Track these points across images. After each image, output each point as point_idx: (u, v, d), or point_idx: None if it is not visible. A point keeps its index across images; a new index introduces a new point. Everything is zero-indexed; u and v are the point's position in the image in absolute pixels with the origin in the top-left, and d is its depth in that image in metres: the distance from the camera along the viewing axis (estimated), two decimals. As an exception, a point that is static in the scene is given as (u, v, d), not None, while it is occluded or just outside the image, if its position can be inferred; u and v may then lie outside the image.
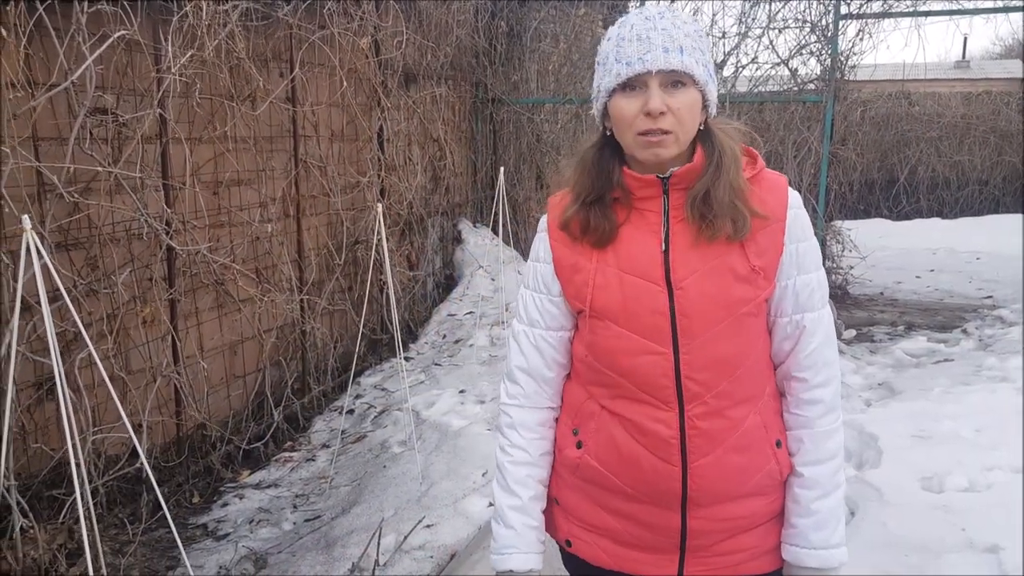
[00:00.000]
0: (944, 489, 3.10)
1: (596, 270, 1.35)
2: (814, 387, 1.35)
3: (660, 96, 1.24)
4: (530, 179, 8.07)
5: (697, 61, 1.26)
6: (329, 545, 3.03)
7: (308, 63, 4.46)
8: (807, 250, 1.34)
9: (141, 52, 3.28)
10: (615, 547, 1.42)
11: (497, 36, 7.34)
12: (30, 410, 2.99)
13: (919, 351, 5.58)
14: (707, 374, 1.30)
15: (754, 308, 1.31)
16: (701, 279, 1.28)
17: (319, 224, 4.79)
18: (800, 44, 6.88)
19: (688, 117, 1.26)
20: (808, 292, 1.34)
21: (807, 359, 1.35)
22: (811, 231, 1.36)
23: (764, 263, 1.30)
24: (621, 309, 1.32)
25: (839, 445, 1.37)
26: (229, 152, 3.88)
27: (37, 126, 2.88)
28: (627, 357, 1.32)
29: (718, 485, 1.32)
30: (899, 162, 13.20)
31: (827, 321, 1.36)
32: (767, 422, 1.36)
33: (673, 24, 1.27)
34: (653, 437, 1.32)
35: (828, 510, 1.35)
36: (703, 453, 1.31)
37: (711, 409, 1.31)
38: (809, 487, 1.35)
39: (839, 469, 1.37)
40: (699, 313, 1.28)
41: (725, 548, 1.37)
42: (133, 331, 3.39)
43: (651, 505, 1.36)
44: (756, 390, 1.35)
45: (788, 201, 1.33)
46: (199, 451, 3.75)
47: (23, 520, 2.77)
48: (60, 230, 3.03)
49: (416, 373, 4.90)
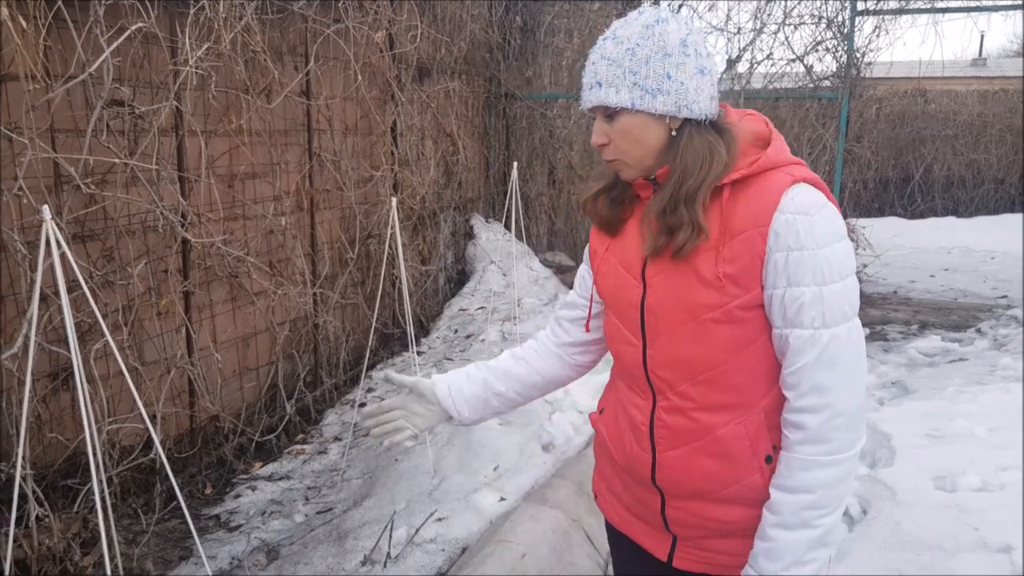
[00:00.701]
0: (957, 488, 3.09)
1: (603, 259, 1.45)
2: (797, 410, 1.25)
3: (598, 129, 1.30)
4: (542, 175, 8.06)
5: (617, 88, 1.25)
6: (341, 537, 3.05)
7: (323, 57, 4.46)
8: (802, 261, 1.21)
9: (158, 45, 3.29)
10: (623, 511, 1.52)
11: (511, 31, 7.34)
12: (45, 400, 3.02)
13: (933, 350, 5.55)
14: (669, 372, 1.33)
15: (721, 315, 1.26)
16: (667, 279, 1.31)
17: (332, 218, 4.80)
18: (816, 40, 6.84)
19: (625, 143, 1.28)
20: (797, 307, 1.22)
21: (790, 377, 1.25)
22: (820, 240, 1.21)
23: (735, 270, 1.24)
24: (612, 298, 1.42)
25: (823, 483, 1.23)
26: (244, 145, 3.90)
27: (54, 118, 2.90)
28: (615, 343, 1.44)
29: (685, 481, 1.35)
30: (914, 160, 13.11)
31: (826, 343, 1.22)
32: (755, 435, 1.30)
33: (601, 55, 1.28)
34: (632, 420, 1.41)
35: (785, 544, 1.24)
36: (669, 447, 1.36)
37: (674, 406, 1.34)
38: (771, 510, 1.27)
39: (813, 508, 1.23)
40: (663, 311, 1.32)
41: (712, 546, 1.39)
42: (147, 323, 3.41)
43: (636, 483, 1.44)
44: (740, 399, 1.30)
45: (779, 205, 1.22)
46: (212, 443, 3.78)
47: (38, 509, 2.79)
48: (76, 221, 3.05)
49: (428, 367, 4.91)
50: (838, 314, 1.23)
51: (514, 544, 2.69)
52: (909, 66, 13.61)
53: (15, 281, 2.83)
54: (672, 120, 1.27)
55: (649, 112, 1.25)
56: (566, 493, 3.11)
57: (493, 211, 7.57)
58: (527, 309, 5.77)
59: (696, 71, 1.25)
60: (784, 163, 1.28)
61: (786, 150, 1.31)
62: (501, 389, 1.58)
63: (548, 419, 3.97)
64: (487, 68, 7.24)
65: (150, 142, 3.25)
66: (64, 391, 3.10)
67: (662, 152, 1.29)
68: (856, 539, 2.85)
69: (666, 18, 1.26)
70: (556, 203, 8.20)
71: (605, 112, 1.29)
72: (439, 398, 1.57)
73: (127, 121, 3.19)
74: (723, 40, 7.19)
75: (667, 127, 1.27)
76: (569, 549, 2.80)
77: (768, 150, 1.28)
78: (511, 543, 2.70)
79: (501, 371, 1.60)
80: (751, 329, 1.28)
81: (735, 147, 1.28)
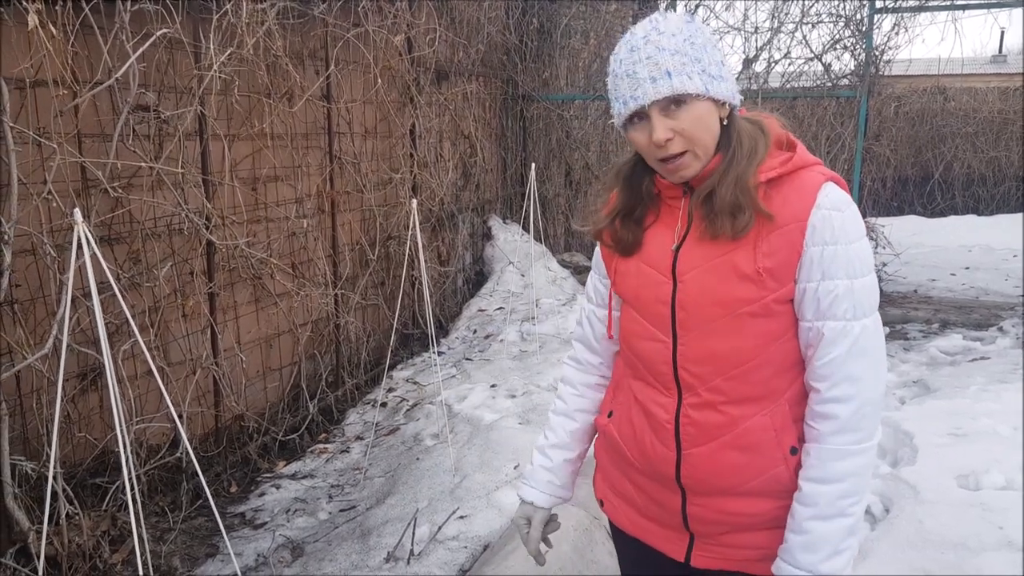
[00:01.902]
0: (981, 487, 3.07)
1: (620, 260, 1.46)
2: (828, 400, 1.28)
3: (663, 124, 1.26)
4: (559, 176, 8.08)
5: (689, 75, 1.24)
6: (364, 534, 3.08)
7: (343, 60, 4.51)
8: (837, 255, 1.25)
9: (182, 50, 3.34)
10: (636, 515, 1.51)
11: (528, 33, 7.37)
12: (74, 400, 3.07)
13: (954, 349, 5.51)
14: (701, 368, 1.34)
15: (758, 309, 1.28)
16: (702, 275, 1.32)
17: (353, 220, 4.85)
18: (834, 39, 6.81)
19: (698, 131, 1.27)
20: (831, 299, 1.25)
21: (823, 368, 1.28)
22: (850, 236, 1.26)
23: (774, 264, 1.27)
24: (635, 296, 1.42)
25: (853, 471, 1.27)
26: (266, 148, 3.95)
27: (81, 123, 2.96)
28: (638, 340, 1.43)
29: (712, 477, 1.36)
30: (934, 158, 13.00)
31: (858, 335, 1.26)
32: (780, 426, 1.32)
33: (657, 48, 1.25)
34: (654, 419, 1.40)
35: (822, 534, 1.26)
36: (696, 443, 1.36)
37: (705, 402, 1.34)
38: (805, 503, 1.29)
39: (848, 496, 1.27)
40: (696, 307, 1.32)
41: (732, 541, 1.39)
42: (173, 324, 3.46)
43: (655, 483, 1.44)
44: (766, 392, 1.32)
45: (816, 201, 1.26)
46: (237, 442, 3.83)
47: (68, 507, 2.84)
48: (103, 225, 3.10)
49: (447, 367, 4.94)
50: (867, 306, 1.28)
51: (536, 541, 2.71)
52: (928, 63, 13.53)
53: (44, 284, 2.88)
54: (722, 108, 1.30)
55: (716, 98, 1.28)
56: (587, 491, 3.11)
57: (511, 212, 7.60)
58: (545, 309, 5.79)
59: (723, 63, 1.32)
60: (812, 163, 1.33)
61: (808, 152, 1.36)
62: (576, 454, 1.65)
63: (568, 418, 3.98)
64: (504, 70, 7.27)
65: (175, 146, 3.30)
66: (92, 391, 3.15)
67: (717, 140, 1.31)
68: (879, 538, 2.85)
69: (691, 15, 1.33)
70: (573, 204, 8.22)
71: (668, 104, 1.26)
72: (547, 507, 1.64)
73: (152, 125, 3.24)
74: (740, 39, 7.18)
75: (720, 116, 1.31)
76: (591, 547, 2.82)
77: (798, 150, 1.33)
78: (533, 540, 2.72)
79: (568, 440, 1.64)
80: (782, 323, 1.31)
81: (769, 138, 1.32)
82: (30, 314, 2.85)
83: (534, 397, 4.17)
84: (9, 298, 2.70)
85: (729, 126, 1.31)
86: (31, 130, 2.72)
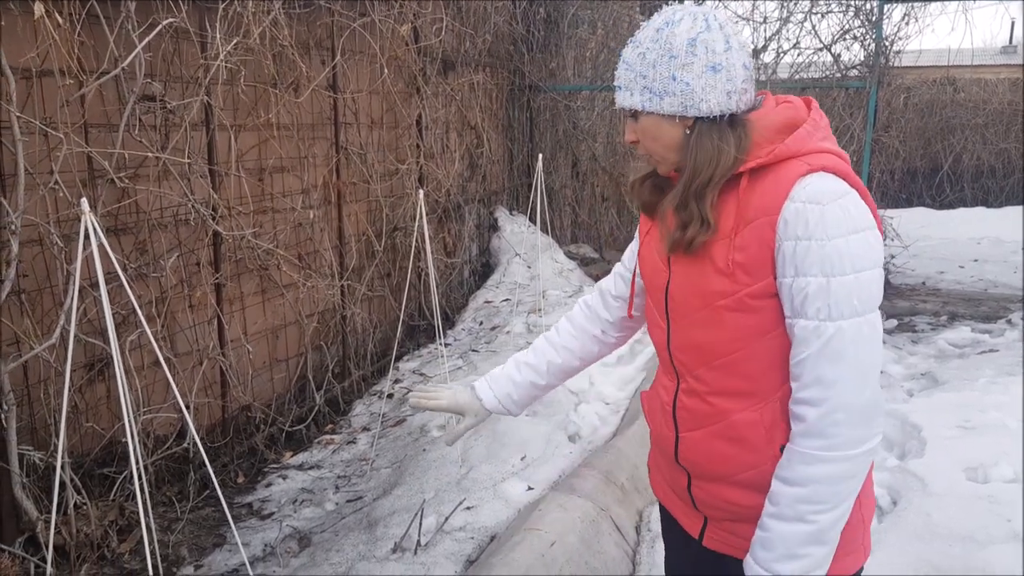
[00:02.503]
0: (989, 480, 3.06)
1: (645, 242, 1.51)
2: (798, 401, 1.25)
3: (629, 127, 1.37)
4: (566, 167, 8.06)
5: (631, 91, 1.31)
6: (371, 525, 3.08)
7: (349, 50, 4.49)
8: (810, 251, 1.19)
9: (188, 40, 3.33)
10: (666, 487, 1.57)
11: (535, 22, 7.33)
12: (81, 390, 3.07)
13: (962, 341, 5.49)
14: (686, 356, 1.39)
15: (733, 303, 1.27)
16: (685, 267, 1.35)
17: (359, 211, 4.84)
18: (843, 29, 6.76)
19: (647, 141, 1.35)
20: (802, 297, 1.21)
21: (794, 368, 1.25)
22: (830, 231, 1.19)
23: (745, 259, 1.25)
24: (648, 281, 1.49)
25: (817, 478, 1.22)
26: (272, 139, 3.94)
27: (88, 113, 2.95)
28: (649, 324, 1.52)
29: (705, 462, 1.40)
30: (943, 149, 12.92)
31: (830, 336, 1.20)
32: (770, 423, 1.31)
33: (623, 59, 1.34)
34: (660, 400, 1.49)
35: (778, 534, 1.25)
36: (688, 428, 1.42)
37: (692, 389, 1.39)
38: (770, 500, 1.28)
39: (808, 503, 1.22)
40: (681, 298, 1.37)
41: (736, 530, 1.41)
42: (180, 315, 3.47)
43: (668, 461, 1.50)
44: (755, 387, 1.31)
45: (789, 194, 1.22)
46: (243, 432, 3.83)
47: (76, 497, 2.85)
48: (110, 215, 3.10)
49: (454, 359, 4.94)
50: (846, 307, 1.20)
51: (543, 532, 2.71)
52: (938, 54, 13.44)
53: (51, 274, 2.88)
54: (683, 119, 1.30)
55: (659, 113, 1.30)
56: (594, 483, 3.12)
57: (517, 203, 7.58)
58: (552, 301, 5.78)
59: (707, 69, 1.26)
60: (806, 151, 1.26)
61: (815, 138, 1.28)
62: (544, 383, 1.69)
63: (574, 410, 3.98)
64: (511, 60, 7.24)
65: (181, 136, 3.29)
66: (100, 382, 3.16)
67: (681, 149, 1.32)
68: (886, 530, 2.84)
69: (678, 19, 1.28)
70: (580, 195, 8.20)
71: (629, 112, 1.36)
72: (490, 410, 1.70)
73: (159, 116, 3.24)
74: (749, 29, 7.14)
75: (681, 126, 1.30)
76: (598, 538, 2.82)
77: (788, 139, 1.26)
78: (540, 531, 2.72)
79: (544, 368, 1.68)
80: (765, 318, 1.28)
81: (747, 140, 1.28)
82: (37, 304, 2.86)
83: (540, 388, 4.16)
84: (16, 288, 2.70)
85: (689, 136, 1.30)
86: (38, 120, 2.72)
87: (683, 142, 1.31)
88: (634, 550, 2.94)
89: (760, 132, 1.29)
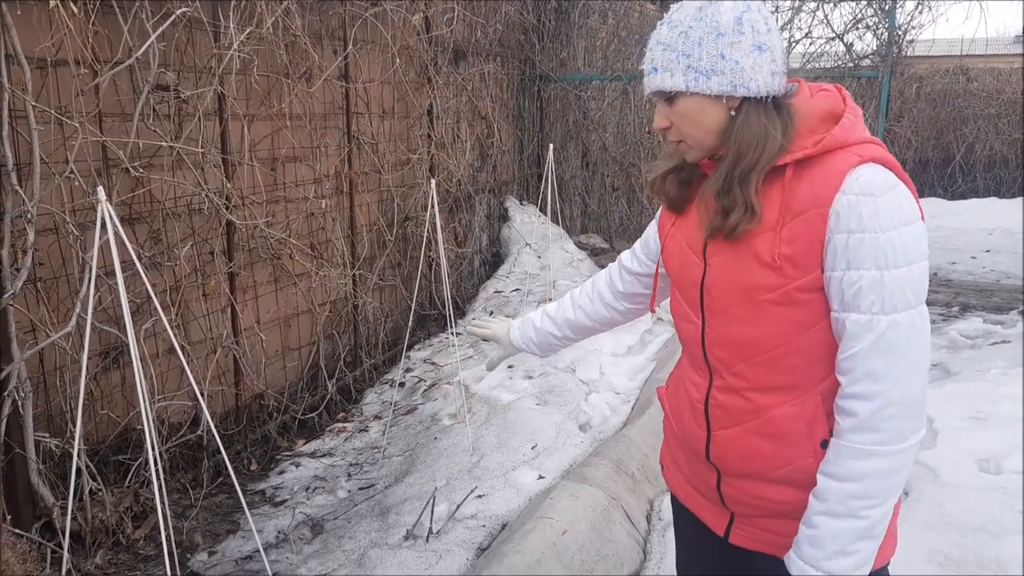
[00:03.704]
0: (1002, 471, 3.06)
1: (670, 235, 1.47)
2: (848, 396, 1.22)
3: (660, 113, 1.32)
4: (576, 157, 8.05)
5: (672, 72, 1.26)
6: (383, 512, 3.10)
7: (361, 40, 4.49)
8: (864, 244, 1.17)
9: (201, 29, 3.34)
10: (686, 484, 1.55)
11: (545, 12, 7.31)
12: (96, 378, 3.10)
13: (975, 332, 5.47)
14: (724, 352, 1.34)
15: (779, 297, 1.25)
16: (726, 260, 1.30)
17: (371, 201, 4.85)
18: (856, 18, 6.72)
19: (685, 125, 1.29)
20: (854, 290, 1.18)
21: (844, 362, 1.22)
22: (883, 224, 1.17)
23: (793, 252, 1.22)
24: (677, 275, 1.44)
25: (870, 473, 1.20)
26: (285, 129, 3.95)
27: (102, 102, 2.96)
28: (678, 319, 1.46)
29: (738, 460, 1.36)
30: (955, 139, 12.82)
31: (883, 330, 1.18)
32: (811, 418, 1.29)
33: (657, 40, 1.29)
34: (689, 397, 1.44)
35: (829, 531, 1.22)
36: (723, 425, 1.37)
37: (729, 386, 1.35)
38: (817, 497, 1.25)
39: (861, 498, 1.20)
40: (719, 292, 1.32)
41: (767, 525, 1.39)
42: (193, 303, 3.49)
43: (694, 458, 1.47)
44: (797, 381, 1.29)
45: (842, 186, 1.19)
46: (256, 420, 3.86)
47: (92, 483, 2.88)
48: (124, 204, 3.11)
49: (464, 348, 4.95)
50: (900, 300, 1.18)
51: (555, 521, 2.72)
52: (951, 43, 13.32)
53: (67, 262, 2.91)
54: (730, 100, 1.25)
55: (704, 93, 1.25)
56: (605, 472, 3.13)
57: (527, 193, 7.57)
58: (562, 291, 5.78)
59: (753, 48, 1.23)
60: (853, 142, 1.24)
61: (858, 129, 1.26)
62: (561, 335, 1.80)
63: (584, 400, 3.99)
64: (522, 50, 7.22)
65: (195, 126, 3.30)
66: (114, 369, 3.18)
67: (723, 132, 1.28)
68: (899, 521, 2.84)
69: None
70: (590, 185, 8.19)
71: (664, 96, 1.29)
72: (515, 345, 1.88)
73: (172, 105, 3.25)
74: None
75: (726, 107, 1.26)
76: (609, 526, 2.83)
77: (834, 129, 1.24)
78: (552, 520, 2.73)
79: (560, 319, 1.79)
80: (810, 312, 1.25)
81: (792, 127, 1.25)
82: (53, 292, 2.88)
83: (551, 378, 4.18)
84: (32, 276, 2.72)
85: (735, 118, 1.26)
86: (53, 109, 2.73)
87: (726, 125, 1.27)
88: (645, 539, 2.95)
89: (803, 120, 1.26)
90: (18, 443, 2.58)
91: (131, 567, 2.84)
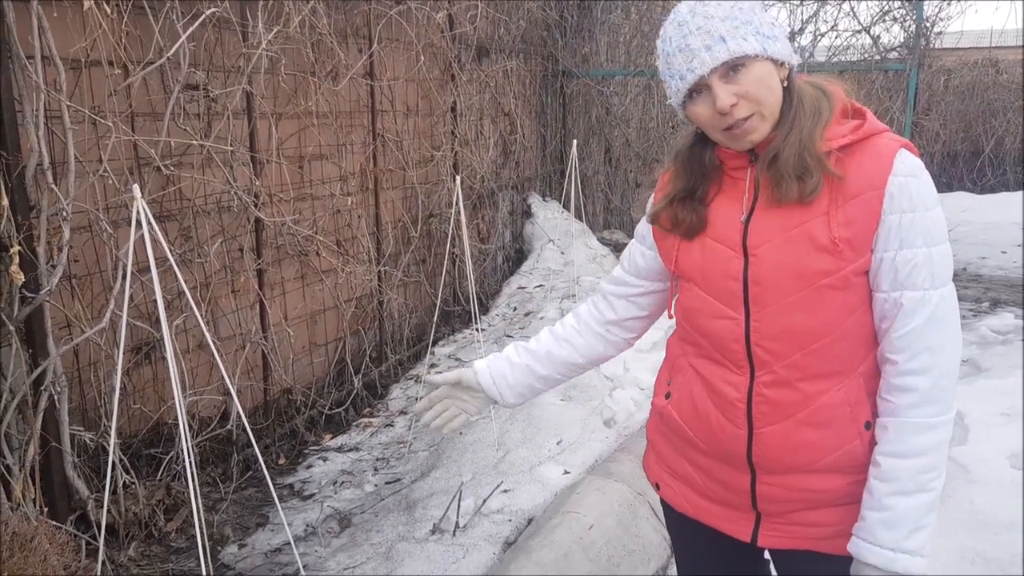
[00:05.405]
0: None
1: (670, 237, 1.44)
2: (906, 372, 1.24)
3: (726, 91, 1.24)
4: (599, 153, 8.03)
5: (744, 37, 1.22)
6: (410, 506, 3.13)
7: (386, 38, 4.52)
8: (915, 223, 1.22)
9: (230, 29, 3.38)
10: (696, 497, 1.49)
11: (568, 7, 7.30)
12: (128, 373, 3.15)
13: (1006, 328, 5.39)
14: (777, 344, 1.30)
15: (837, 281, 1.25)
16: (777, 248, 1.28)
17: (395, 197, 4.88)
18: (883, 10, 6.65)
19: (761, 91, 1.24)
20: (909, 268, 1.23)
21: (900, 340, 1.24)
22: (928, 203, 1.23)
23: (851, 234, 1.23)
24: (700, 273, 1.38)
25: (933, 445, 1.24)
26: (312, 127, 3.98)
27: (134, 102, 3.01)
28: (705, 319, 1.38)
29: (785, 455, 1.33)
30: (984, 133, 12.61)
31: (936, 304, 1.23)
32: (855, 401, 1.30)
33: (706, 18, 1.24)
34: (723, 398, 1.37)
35: (904, 510, 1.24)
36: (769, 421, 1.33)
37: (780, 379, 1.31)
38: (884, 479, 1.25)
39: (928, 471, 1.24)
40: (771, 282, 1.29)
41: (803, 519, 1.36)
42: (223, 300, 3.53)
43: (722, 463, 1.41)
44: (842, 366, 1.29)
45: (893, 168, 1.23)
46: (285, 415, 3.90)
47: (125, 477, 2.93)
48: (155, 202, 3.16)
49: (488, 344, 4.97)
50: (944, 275, 1.25)
51: (581, 515, 2.74)
52: (980, 35, 13.11)
53: (100, 259, 2.96)
54: (781, 69, 1.28)
55: (775, 58, 1.25)
56: (631, 467, 3.14)
57: (550, 189, 7.58)
58: (585, 287, 5.79)
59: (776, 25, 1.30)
60: (883, 129, 1.29)
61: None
62: (543, 373, 1.60)
63: (609, 395, 3.99)
64: (544, 46, 7.22)
65: (224, 124, 3.35)
66: (146, 365, 3.23)
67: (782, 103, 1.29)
68: (927, 516, 2.82)
69: None
70: (612, 181, 8.17)
71: (727, 71, 1.24)
72: (483, 388, 1.60)
73: (202, 104, 3.29)
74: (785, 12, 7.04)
75: (780, 77, 1.28)
76: (635, 521, 2.84)
77: (868, 116, 1.30)
78: (578, 514, 2.74)
79: (543, 354, 1.60)
80: (856, 295, 1.28)
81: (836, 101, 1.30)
82: (87, 289, 2.93)
83: (576, 374, 4.18)
84: (67, 273, 2.78)
85: (790, 87, 1.29)
86: (86, 109, 2.78)
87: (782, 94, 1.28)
88: (671, 534, 2.95)
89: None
90: (54, 437, 2.64)
91: (163, 559, 2.89)
